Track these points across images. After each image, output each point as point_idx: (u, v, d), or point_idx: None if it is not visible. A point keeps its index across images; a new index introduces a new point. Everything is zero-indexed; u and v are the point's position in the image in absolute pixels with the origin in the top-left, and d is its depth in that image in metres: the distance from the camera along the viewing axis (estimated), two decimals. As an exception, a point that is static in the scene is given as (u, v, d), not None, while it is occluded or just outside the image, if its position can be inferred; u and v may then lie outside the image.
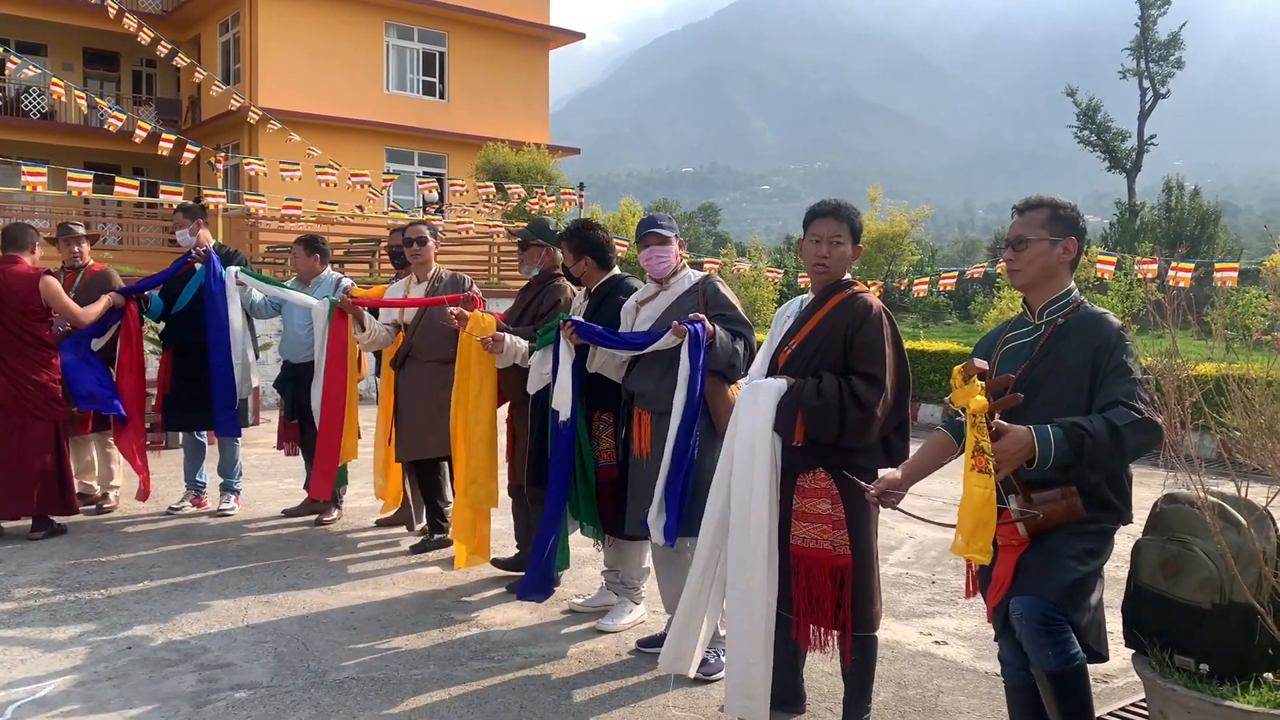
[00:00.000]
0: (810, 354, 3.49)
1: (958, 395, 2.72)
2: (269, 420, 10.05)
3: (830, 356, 3.46)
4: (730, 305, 4.21)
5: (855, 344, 3.43)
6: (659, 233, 4.30)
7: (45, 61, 26.64)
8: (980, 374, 2.70)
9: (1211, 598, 2.83)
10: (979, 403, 2.64)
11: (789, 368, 3.51)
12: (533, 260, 5.34)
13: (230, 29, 25.78)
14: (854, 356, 3.42)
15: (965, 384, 2.70)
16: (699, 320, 4.02)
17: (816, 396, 3.34)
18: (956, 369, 2.75)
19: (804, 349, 3.51)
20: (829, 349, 3.47)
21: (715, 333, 4.04)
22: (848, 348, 3.44)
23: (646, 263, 4.36)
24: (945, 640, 4.63)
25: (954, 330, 30.03)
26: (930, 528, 6.78)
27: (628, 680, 4.07)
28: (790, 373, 3.48)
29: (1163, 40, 44.33)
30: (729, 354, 4.05)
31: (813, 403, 3.34)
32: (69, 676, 3.95)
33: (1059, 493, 2.84)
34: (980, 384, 2.68)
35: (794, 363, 3.51)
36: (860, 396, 3.34)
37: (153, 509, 7.01)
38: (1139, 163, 43.58)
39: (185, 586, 5.22)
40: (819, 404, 3.33)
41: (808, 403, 3.34)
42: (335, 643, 4.41)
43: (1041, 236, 3.02)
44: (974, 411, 2.65)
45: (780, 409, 3.37)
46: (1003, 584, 2.90)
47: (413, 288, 6.01)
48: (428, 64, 27.39)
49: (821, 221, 3.55)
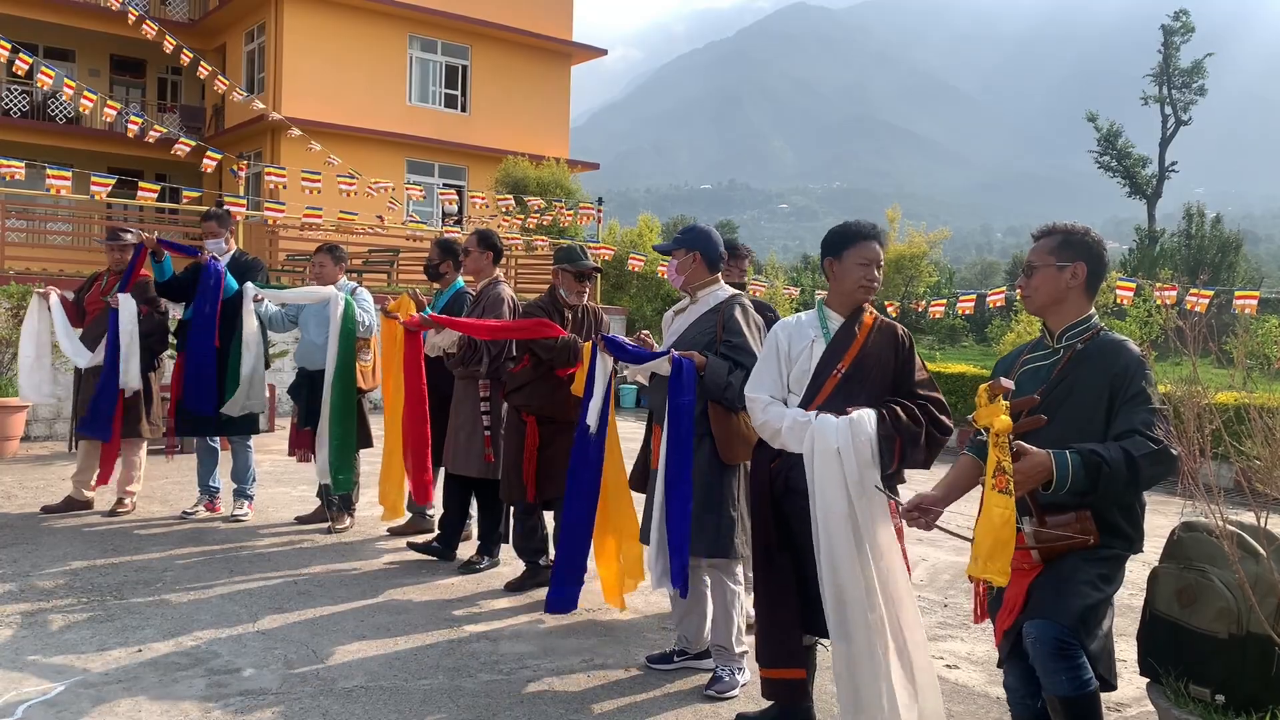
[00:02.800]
0: (865, 377, 3.50)
1: (981, 414, 2.71)
2: (283, 427, 10.09)
3: (882, 381, 3.51)
4: (741, 331, 4.20)
5: (914, 370, 3.54)
6: (659, 249, 4.55)
7: (73, 67, 26.97)
8: (1005, 393, 2.69)
9: (1229, 628, 2.81)
10: (1003, 422, 2.63)
11: (843, 389, 3.47)
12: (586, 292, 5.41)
13: (256, 38, 26.00)
14: (917, 384, 3.52)
15: (990, 403, 2.69)
16: (689, 357, 4.08)
17: (914, 424, 3.41)
18: (982, 387, 2.74)
19: (858, 372, 3.49)
20: (880, 373, 3.51)
21: (706, 363, 4.07)
22: (902, 373, 3.53)
23: (669, 277, 4.50)
24: (957, 664, 4.60)
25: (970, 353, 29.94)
26: (945, 551, 6.76)
27: (637, 696, 4.05)
28: (845, 394, 3.45)
29: (1185, 68, 44.27)
30: (720, 386, 4.06)
31: (913, 430, 3.40)
32: (79, 678, 3.96)
33: (1073, 517, 2.83)
34: (1005, 404, 2.67)
35: (848, 385, 3.48)
36: (939, 421, 3.47)
37: (166, 513, 7.04)
38: (1159, 189, 43.48)
39: (197, 591, 5.23)
40: (917, 431, 3.41)
41: (909, 431, 3.39)
42: (345, 651, 4.41)
43: (1049, 262, 3.03)
44: (998, 431, 2.64)
45: (882, 438, 3.34)
46: (1013, 608, 2.88)
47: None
48: (450, 77, 27.54)
49: (869, 245, 3.57)
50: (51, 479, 8.26)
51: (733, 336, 4.17)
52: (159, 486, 7.98)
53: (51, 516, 6.78)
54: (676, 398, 4.01)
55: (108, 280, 6.93)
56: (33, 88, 26.16)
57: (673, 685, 4.17)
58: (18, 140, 24.35)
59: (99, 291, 6.93)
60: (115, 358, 6.60)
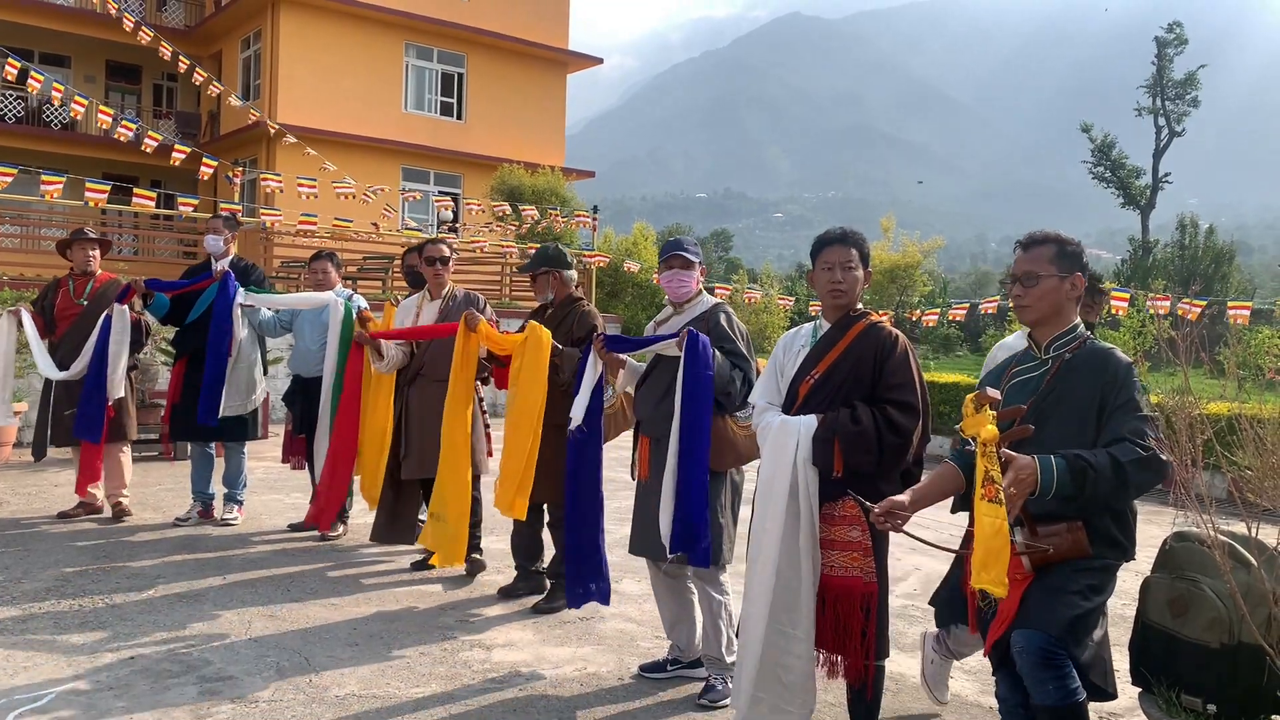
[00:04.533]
0: (837, 384, 3.48)
1: (968, 424, 2.72)
2: (277, 434, 10.07)
3: (860, 387, 3.46)
4: (731, 338, 4.21)
5: (886, 373, 3.44)
6: (684, 256, 4.32)
7: (68, 73, 26.95)
8: (992, 403, 2.70)
9: (1220, 638, 2.81)
10: (990, 432, 2.64)
11: (814, 397, 3.49)
12: (544, 289, 5.40)
13: (252, 45, 26.02)
14: (885, 386, 3.43)
15: (976, 413, 2.70)
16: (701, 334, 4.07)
17: (853, 424, 3.35)
18: (968, 398, 2.75)
19: (829, 379, 3.50)
20: (857, 379, 3.47)
21: (715, 355, 4.07)
22: (877, 377, 3.46)
23: (667, 285, 4.37)
24: (951, 675, 4.59)
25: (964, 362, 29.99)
26: (938, 560, 6.75)
27: (630, 704, 4.04)
28: (815, 402, 3.47)
29: (1179, 79, 44.44)
30: (725, 381, 4.07)
31: (850, 430, 3.34)
32: (71, 684, 3.94)
33: (1065, 527, 2.84)
34: (991, 413, 2.68)
35: (819, 393, 3.49)
36: (896, 423, 3.36)
37: (159, 519, 7.02)
38: (1153, 200, 43.62)
39: (189, 598, 5.22)
40: (856, 431, 3.34)
41: (845, 431, 3.34)
42: (337, 658, 4.40)
43: (1051, 272, 3.02)
44: (985, 440, 2.65)
45: (816, 441, 3.36)
46: (1005, 618, 2.88)
47: (426, 305, 6.05)
48: (446, 85, 27.57)
49: (831, 249, 3.56)
50: (44, 485, 8.23)
51: (724, 343, 4.18)
52: (151, 493, 7.96)
53: (44, 522, 6.77)
54: (694, 370, 3.97)
55: (75, 284, 6.88)
56: (28, 94, 26.15)
57: (665, 694, 4.16)
58: (12, 146, 24.33)
59: (68, 297, 6.89)
60: (102, 366, 6.59)
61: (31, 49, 25.22)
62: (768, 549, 3.38)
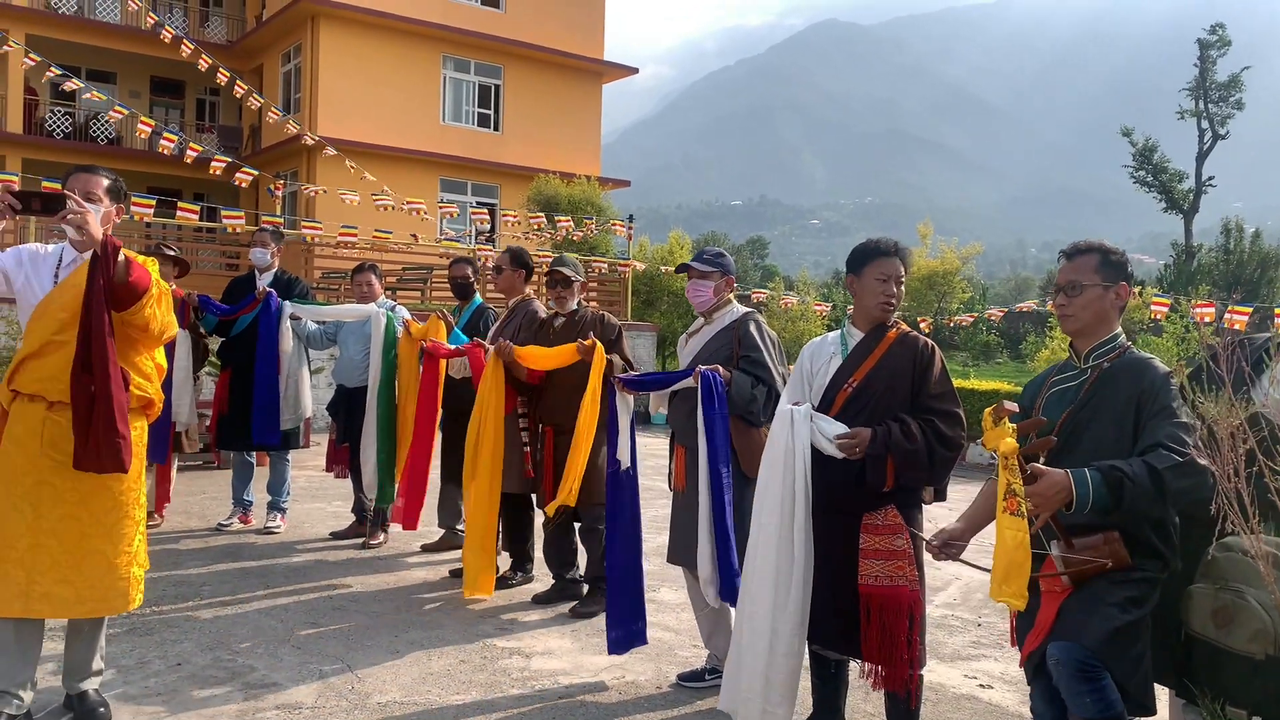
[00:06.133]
0: (877, 393, 3.48)
1: (989, 437, 2.72)
2: (319, 444, 10.20)
3: (898, 396, 3.46)
4: (758, 348, 4.23)
5: (929, 383, 3.46)
6: (695, 267, 4.42)
7: (114, 89, 27.52)
8: (1010, 416, 2.70)
9: (1265, 649, 2.77)
10: (1009, 445, 2.65)
11: (852, 406, 3.49)
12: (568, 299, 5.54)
13: (292, 59, 26.38)
14: (929, 396, 3.45)
15: (995, 426, 2.70)
16: (715, 370, 4.09)
17: (908, 441, 3.35)
18: (987, 411, 2.75)
19: (867, 388, 3.49)
20: (896, 388, 3.47)
21: (731, 378, 4.09)
22: (917, 387, 3.46)
23: (688, 295, 4.48)
24: (990, 684, 4.57)
25: (1004, 369, 29.71)
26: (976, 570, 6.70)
27: (669, 713, 4.06)
28: (854, 410, 3.47)
29: (1223, 82, 43.75)
30: (745, 400, 4.11)
31: (906, 447, 3.34)
32: (118, 691, 4.02)
33: (1101, 538, 2.81)
34: (1011, 426, 2.68)
35: (857, 401, 3.49)
36: (945, 436, 3.38)
37: (202, 526, 7.14)
38: (1196, 204, 42.94)
39: (234, 605, 5.30)
40: (912, 448, 3.34)
41: (900, 448, 3.34)
42: (379, 666, 4.46)
43: (1096, 282, 3.01)
44: (1004, 454, 2.65)
45: (871, 458, 3.36)
46: (1042, 630, 2.86)
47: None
48: (483, 96, 27.79)
49: (888, 260, 3.57)
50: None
51: (750, 352, 4.21)
52: (195, 501, 8.10)
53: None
54: (710, 411, 4.02)
55: None
56: (75, 109, 26.69)
57: (704, 702, 4.17)
58: (60, 160, 24.83)
59: None
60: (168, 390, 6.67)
61: (79, 65, 25.73)
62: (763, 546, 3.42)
